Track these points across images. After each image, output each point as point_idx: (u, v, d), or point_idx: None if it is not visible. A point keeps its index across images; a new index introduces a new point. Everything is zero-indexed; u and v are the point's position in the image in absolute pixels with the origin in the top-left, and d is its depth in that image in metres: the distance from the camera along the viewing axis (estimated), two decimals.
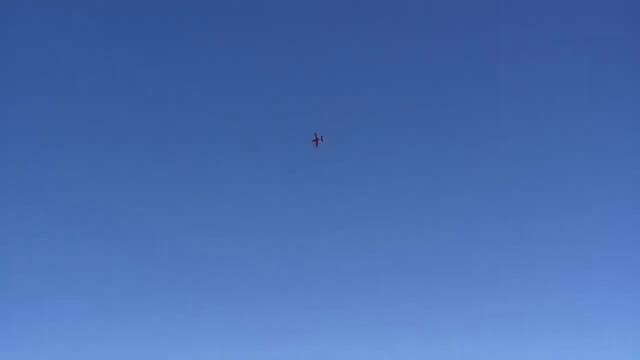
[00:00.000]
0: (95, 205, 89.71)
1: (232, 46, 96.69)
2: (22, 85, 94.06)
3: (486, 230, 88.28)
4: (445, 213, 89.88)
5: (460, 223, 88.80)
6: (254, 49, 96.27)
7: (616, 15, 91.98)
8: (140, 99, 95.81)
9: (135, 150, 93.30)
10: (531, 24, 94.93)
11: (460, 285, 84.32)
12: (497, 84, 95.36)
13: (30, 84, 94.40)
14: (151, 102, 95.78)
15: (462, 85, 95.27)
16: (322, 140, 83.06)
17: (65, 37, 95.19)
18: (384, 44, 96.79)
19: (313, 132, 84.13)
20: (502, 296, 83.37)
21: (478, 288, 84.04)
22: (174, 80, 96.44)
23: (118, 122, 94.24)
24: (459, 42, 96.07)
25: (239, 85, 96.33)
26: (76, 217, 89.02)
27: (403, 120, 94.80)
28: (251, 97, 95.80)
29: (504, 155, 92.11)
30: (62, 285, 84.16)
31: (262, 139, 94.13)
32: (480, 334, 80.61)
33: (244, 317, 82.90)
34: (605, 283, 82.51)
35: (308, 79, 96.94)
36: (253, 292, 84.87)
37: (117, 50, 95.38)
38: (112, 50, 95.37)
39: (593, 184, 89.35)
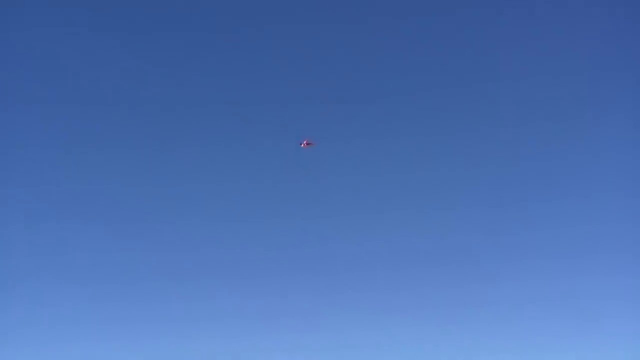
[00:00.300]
0: (92, 196, 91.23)
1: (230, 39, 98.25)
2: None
3: (486, 218, 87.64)
4: (446, 201, 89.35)
5: (460, 211, 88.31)
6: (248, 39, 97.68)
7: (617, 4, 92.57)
8: (143, 95, 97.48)
9: (136, 140, 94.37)
10: (530, 11, 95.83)
11: (462, 273, 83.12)
12: (495, 70, 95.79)
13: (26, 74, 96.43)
14: (152, 97, 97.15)
15: (460, 72, 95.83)
16: (312, 144, 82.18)
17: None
18: (378, 31, 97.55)
19: (308, 123, 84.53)
20: (503, 285, 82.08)
21: (479, 276, 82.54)
22: (172, 76, 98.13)
23: (116, 115, 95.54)
24: (456, 28, 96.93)
25: (234, 75, 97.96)
26: (75, 204, 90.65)
27: (401, 107, 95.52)
28: (246, 86, 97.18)
29: (504, 143, 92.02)
30: (60, 272, 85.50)
31: (261, 127, 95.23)
32: (481, 323, 79.82)
33: (242, 307, 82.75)
34: (608, 272, 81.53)
35: (299, 66, 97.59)
36: (252, 280, 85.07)
37: (108, 43, 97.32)
38: (101, 44, 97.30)
39: (594, 172, 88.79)
